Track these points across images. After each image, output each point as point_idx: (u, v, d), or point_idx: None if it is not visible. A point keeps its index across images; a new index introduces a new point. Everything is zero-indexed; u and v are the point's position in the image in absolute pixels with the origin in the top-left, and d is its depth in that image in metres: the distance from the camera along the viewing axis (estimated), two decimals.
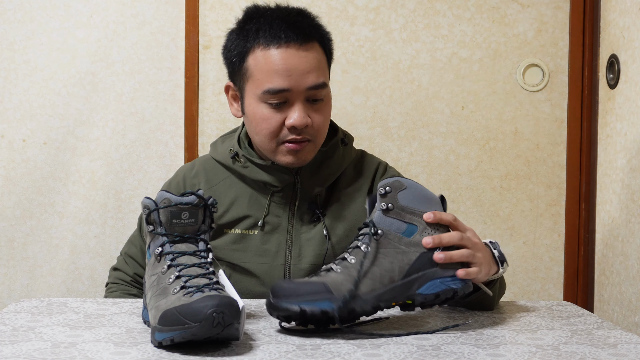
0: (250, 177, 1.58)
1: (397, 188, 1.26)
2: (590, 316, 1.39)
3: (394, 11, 2.06)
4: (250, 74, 1.49)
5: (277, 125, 1.48)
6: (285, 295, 1.19)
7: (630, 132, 1.85)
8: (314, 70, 1.48)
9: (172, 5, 2.04)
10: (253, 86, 1.49)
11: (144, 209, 1.23)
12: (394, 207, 1.26)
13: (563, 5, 2.08)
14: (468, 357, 1.12)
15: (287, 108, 1.47)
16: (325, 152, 1.59)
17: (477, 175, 2.09)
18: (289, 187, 1.57)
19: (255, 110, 1.50)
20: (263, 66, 1.47)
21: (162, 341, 1.13)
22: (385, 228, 1.26)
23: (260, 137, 1.52)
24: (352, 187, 1.62)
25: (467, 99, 2.08)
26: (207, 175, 1.62)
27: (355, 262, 1.24)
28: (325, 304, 1.19)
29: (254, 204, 1.58)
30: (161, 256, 1.22)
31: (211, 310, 1.08)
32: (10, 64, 2.03)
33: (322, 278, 1.22)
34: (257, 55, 1.47)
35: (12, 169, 2.04)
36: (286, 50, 1.46)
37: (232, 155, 1.58)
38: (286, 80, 1.45)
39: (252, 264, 1.56)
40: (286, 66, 1.45)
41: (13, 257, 2.05)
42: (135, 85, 2.04)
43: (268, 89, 1.46)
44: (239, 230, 1.57)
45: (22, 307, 1.39)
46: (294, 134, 1.48)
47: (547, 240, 2.11)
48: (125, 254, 1.67)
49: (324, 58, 1.53)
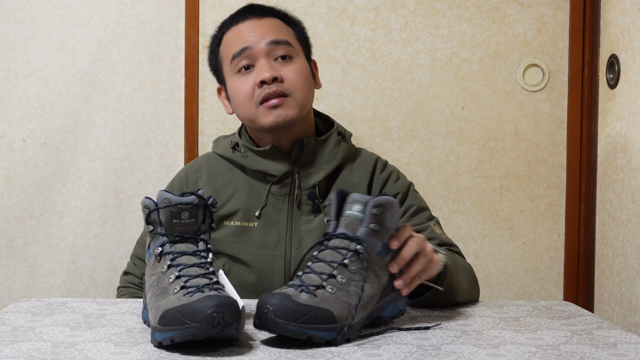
0: (249, 168, 1.60)
1: (387, 209, 1.24)
2: (590, 316, 1.39)
3: (394, 11, 2.06)
4: (222, 57, 1.62)
5: (249, 87, 1.56)
6: (290, 317, 1.12)
7: (630, 132, 1.85)
8: (273, 30, 1.59)
9: (172, 5, 2.04)
10: (226, 65, 1.60)
11: (143, 209, 1.23)
12: (380, 227, 1.23)
13: (563, 5, 2.08)
14: (468, 357, 1.12)
15: (256, 69, 1.57)
16: (322, 141, 1.60)
17: (477, 175, 2.09)
18: (287, 178, 1.59)
19: (232, 85, 1.59)
20: (229, 42, 1.60)
21: (162, 341, 1.12)
22: (370, 248, 1.23)
23: (241, 108, 1.58)
24: (350, 181, 1.63)
25: (467, 99, 2.08)
26: (209, 168, 1.65)
27: (344, 281, 1.20)
28: (331, 334, 1.15)
29: (253, 195, 1.60)
30: (161, 256, 1.22)
31: (211, 310, 1.08)
32: (10, 64, 2.03)
33: (320, 300, 1.15)
34: (225, 39, 1.62)
35: (12, 169, 2.04)
36: (244, 22, 1.60)
37: (232, 145, 1.62)
38: (245, 41, 1.57)
39: (252, 256, 1.56)
40: (246, 31, 1.58)
41: (13, 257, 2.05)
42: (135, 85, 2.05)
43: (233, 54, 1.57)
44: (238, 222, 1.58)
45: (22, 307, 1.39)
46: (266, 90, 1.54)
47: (547, 240, 2.11)
48: (134, 256, 1.68)
49: (287, 28, 1.63)
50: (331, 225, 1.26)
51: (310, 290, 1.16)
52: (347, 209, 1.25)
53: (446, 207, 2.09)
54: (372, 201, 1.23)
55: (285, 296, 1.14)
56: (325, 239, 1.25)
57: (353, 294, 1.20)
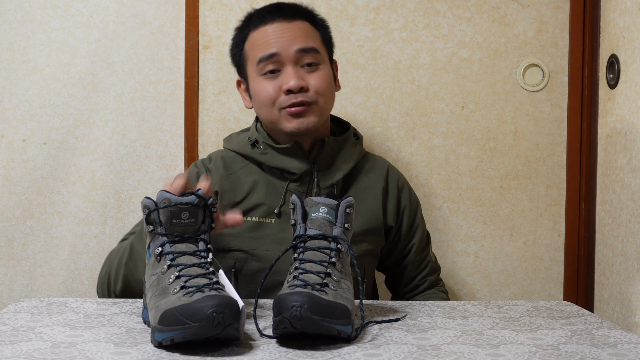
0: (268, 165, 1.63)
1: (354, 209, 1.30)
2: (590, 316, 1.39)
3: (394, 11, 2.06)
4: (247, 55, 1.63)
5: (274, 92, 1.58)
6: (323, 313, 1.13)
7: (630, 132, 1.85)
8: (302, 36, 1.60)
9: (172, 5, 2.04)
10: (251, 65, 1.62)
11: (143, 209, 1.23)
12: (350, 227, 1.29)
13: (563, 5, 2.08)
14: (468, 357, 1.12)
15: (281, 75, 1.59)
16: (341, 141, 1.65)
17: (477, 175, 2.09)
18: (307, 176, 1.62)
19: (256, 86, 1.61)
20: (255, 43, 1.61)
21: (162, 341, 1.12)
22: (344, 249, 1.27)
23: (263, 109, 1.61)
24: (364, 183, 1.69)
25: (467, 99, 2.08)
26: (225, 163, 1.68)
27: (337, 279, 1.23)
28: (349, 329, 1.18)
29: (271, 192, 1.63)
30: (161, 256, 1.22)
31: (211, 310, 1.08)
32: (10, 64, 2.03)
33: (334, 297, 1.18)
34: (251, 37, 1.63)
35: (12, 169, 2.04)
36: (273, 24, 1.60)
37: (251, 142, 1.65)
38: (274, 46, 1.58)
39: (268, 252, 1.59)
40: (274, 35, 1.59)
41: (13, 257, 2.05)
42: (135, 85, 2.05)
43: (260, 57, 1.59)
44: (255, 217, 1.61)
45: (22, 307, 1.39)
46: (292, 99, 1.57)
47: (547, 240, 2.11)
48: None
49: (314, 32, 1.65)
50: (299, 227, 1.27)
51: (318, 289, 1.18)
52: (312, 212, 1.27)
53: (446, 207, 2.09)
54: (345, 202, 1.28)
55: (309, 294, 1.14)
56: (301, 240, 1.26)
57: (347, 289, 1.22)
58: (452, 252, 2.10)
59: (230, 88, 2.03)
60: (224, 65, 2.02)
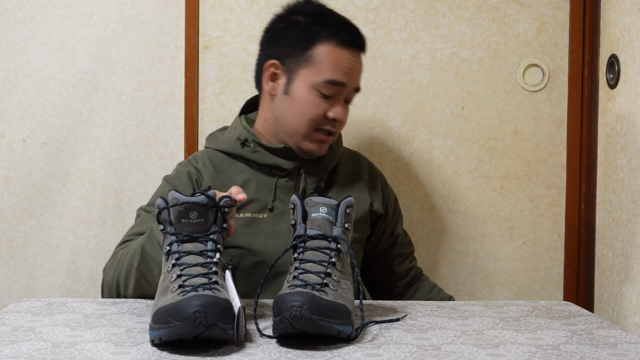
0: (258, 162, 1.68)
1: (353, 209, 1.31)
2: (590, 316, 1.39)
3: (394, 11, 2.06)
4: (314, 61, 1.63)
5: (321, 114, 1.64)
6: (323, 313, 1.13)
7: (630, 132, 1.85)
8: (360, 75, 1.70)
9: (172, 5, 2.04)
10: (313, 73, 1.63)
11: (156, 209, 1.25)
12: (350, 227, 1.30)
13: (563, 5, 2.08)
14: (468, 357, 1.12)
15: (332, 102, 1.65)
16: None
17: (477, 175, 2.09)
18: (294, 171, 1.69)
19: (305, 94, 1.64)
20: (332, 59, 1.63)
21: (154, 339, 1.13)
22: (344, 249, 1.28)
23: (300, 119, 1.65)
24: (348, 174, 1.77)
25: (467, 99, 2.08)
26: (213, 162, 1.71)
27: (337, 279, 1.23)
28: (349, 329, 1.18)
29: (261, 188, 1.67)
30: (168, 255, 1.23)
31: (194, 309, 1.08)
32: (10, 64, 2.03)
33: (335, 297, 1.18)
34: (329, 48, 1.63)
35: (12, 169, 2.04)
36: (351, 52, 1.65)
37: (241, 141, 1.68)
38: (345, 76, 1.64)
39: (263, 246, 1.62)
40: (349, 66, 1.64)
41: (13, 257, 2.05)
42: (135, 85, 2.05)
43: (331, 79, 1.62)
44: (248, 213, 1.64)
45: (22, 307, 1.39)
46: (330, 126, 1.66)
47: (547, 240, 2.11)
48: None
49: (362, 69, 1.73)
50: (299, 228, 1.27)
51: (318, 289, 1.18)
52: (312, 212, 1.27)
53: (446, 207, 2.09)
54: (345, 202, 1.28)
55: (309, 294, 1.14)
56: (301, 240, 1.26)
57: (347, 289, 1.22)
58: (452, 252, 2.10)
59: (230, 88, 2.03)
60: (224, 65, 2.02)
